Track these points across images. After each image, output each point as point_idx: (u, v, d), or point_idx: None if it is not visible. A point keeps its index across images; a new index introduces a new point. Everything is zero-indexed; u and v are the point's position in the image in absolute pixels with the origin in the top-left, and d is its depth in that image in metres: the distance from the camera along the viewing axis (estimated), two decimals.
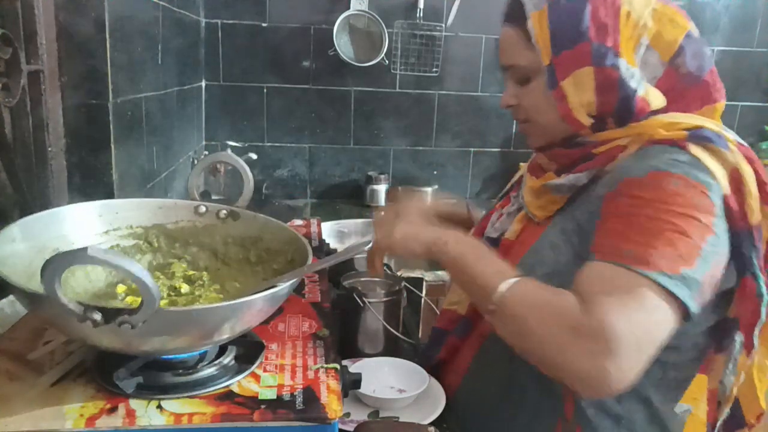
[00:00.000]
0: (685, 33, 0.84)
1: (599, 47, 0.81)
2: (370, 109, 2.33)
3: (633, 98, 0.82)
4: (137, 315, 0.54)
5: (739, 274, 0.78)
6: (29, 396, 0.62)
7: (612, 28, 0.81)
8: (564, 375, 0.71)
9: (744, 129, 2.54)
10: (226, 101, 2.24)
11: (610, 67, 0.81)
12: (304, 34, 2.22)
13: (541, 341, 0.72)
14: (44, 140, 1.04)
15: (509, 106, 0.93)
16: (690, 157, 0.76)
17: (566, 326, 0.70)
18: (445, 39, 2.26)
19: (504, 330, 0.77)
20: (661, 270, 0.70)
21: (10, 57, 0.92)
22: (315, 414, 0.61)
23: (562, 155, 0.90)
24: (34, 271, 0.68)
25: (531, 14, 0.84)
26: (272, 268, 0.83)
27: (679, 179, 0.74)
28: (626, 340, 0.66)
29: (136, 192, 1.30)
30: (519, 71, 0.89)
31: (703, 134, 0.78)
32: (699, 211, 0.73)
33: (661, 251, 0.71)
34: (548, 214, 0.91)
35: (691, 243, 0.72)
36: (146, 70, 1.37)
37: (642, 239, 0.72)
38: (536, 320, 0.72)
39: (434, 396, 0.95)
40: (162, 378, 0.66)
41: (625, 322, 0.67)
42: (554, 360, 0.71)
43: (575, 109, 0.84)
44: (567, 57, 0.82)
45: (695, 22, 0.86)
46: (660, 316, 0.70)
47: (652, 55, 0.84)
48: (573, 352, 0.69)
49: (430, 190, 2.30)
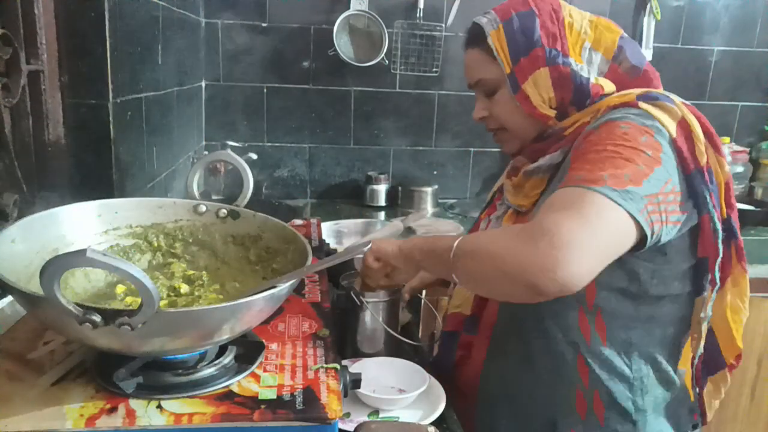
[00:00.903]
0: (619, 36, 0.98)
1: (550, 50, 0.94)
2: (370, 109, 2.33)
3: (587, 85, 0.95)
4: (137, 317, 0.54)
5: (699, 212, 0.87)
6: (29, 396, 0.62)
7: (559, 34, 0.95)
8: (519, 279, 0.74)
9: (744, 129, 2.55)
10: (226, 101, 2.24)
11: (562, 64, 0.94)
12: (304, 34, 2.22)
13: (495, 259, 0.78)
14: (44, 140, 1.04)
15: (482, 119, 1.05)
16: (639, 110, 0.87)
17: (515, 234, 0.77)
18: (445, 39, 2.26)
19: (466, 274, 0.84)
20: (607, 185, 0.77)
21: (10, 57, 0.92)
22: (315, 414, 0.61)
23: (538, 149, 1.00)
24: (34, 272, 0.68)
25: (490, 33, 0.97)
26: (272, 267, 0.83)
27: (627, 125, 0.84)
28: (572, 235, 0.72)
29: (136, 192, 1.30)
30: (485, 84, 1.01)
31: (651, 95, 0.90)
32: (646, 147, 0.82)
33: (609, 172, 0.78)
34: (534, 200, 1.00)
35: (638, 168, 0.80)
36: (146, 70, 1.37)
37: (591, 165, 0.81)
38: (488, 243, 0.80)
39: (434, 396, 0.95)
40: (162, 378, 0.66)
41: (569, 220, 0.74)
42: (510, 269, 0.75)
43: (539, 106, 0.96)
44: (524, 63, 0.95)
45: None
46: (605, 220, 0.76)
47: (596, 56, 0.97)
48: (524, 251, 0.73)
49: (430, 190, 2.30)
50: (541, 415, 0.97)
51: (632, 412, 0.93)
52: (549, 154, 0.97)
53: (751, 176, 2.48)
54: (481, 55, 1.00)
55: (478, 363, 1.04)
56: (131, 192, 1.25)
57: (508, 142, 1.05)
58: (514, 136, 1.03)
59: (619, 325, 0.92)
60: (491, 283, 0.82)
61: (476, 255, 0.82)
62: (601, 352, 0.92)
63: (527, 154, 1.02)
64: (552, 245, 0.71)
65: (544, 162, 0.97)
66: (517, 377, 0.99)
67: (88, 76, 1.09)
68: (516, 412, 0.99)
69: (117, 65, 1.14)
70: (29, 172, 1.00)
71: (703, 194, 0.85)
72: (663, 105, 0.87)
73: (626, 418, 0.93)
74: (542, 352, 0.95)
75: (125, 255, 0.84)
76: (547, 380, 0.96)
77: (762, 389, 1.98)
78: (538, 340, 0.95)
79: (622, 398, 0.92)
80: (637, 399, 0.93)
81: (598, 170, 0.79)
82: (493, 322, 1.02)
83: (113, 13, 1.11)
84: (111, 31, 1.10)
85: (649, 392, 0.94)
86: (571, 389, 0.94)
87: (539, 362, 0.96)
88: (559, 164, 0.96)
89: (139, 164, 1.33)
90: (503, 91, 0.99)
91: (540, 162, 0.97)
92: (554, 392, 0.95)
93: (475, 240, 0.85)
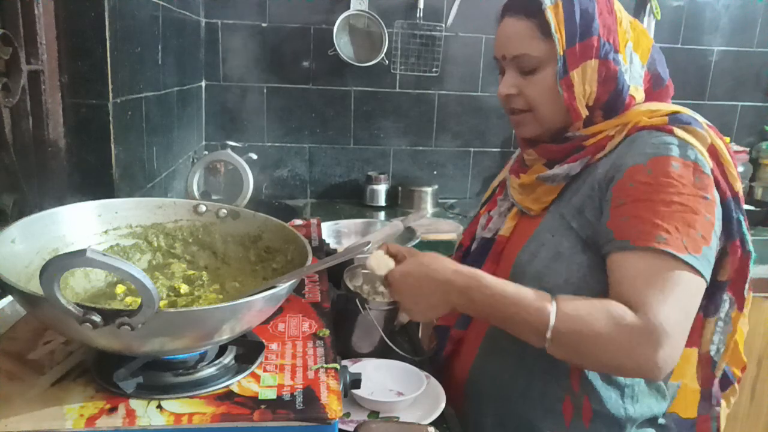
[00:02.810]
0: (652, 44, 0.96)
1: (605, 43, 0.90)
2: (370, 109, 2.33)
3: (625, 91, 0.92)
4: (136, 317, 0.54)
5: (727, 239, 0.88)
6: (29, 396, 0.62)
7: (612, 28, 0.91)
8: (624, 373, 0.83)
9: (744, 129, 2.55)
10: (226, 101, 2.24)
11: (612, 61, 0.90)
12: (304, 34, 2.22)
13: (600, 352, 0.78)
14: (44, 140, 1.04)
15: (507, 96, 0.96)
16: (677, 139, 0.85)
17: (623, 332, 0.76)
18: (445, 39, 2.26)
19: (562, 354, 0.81)
20: (689, 252, 0.79)
21: (10, 57, 0.92)
22: (315, 414, 0.61)
23: (554, 150, 0.96)
24: (34, 272, 0.68)
25: (548, 6, 0.90)
26: (272, 267, 0.83)
27: (678, 163, 0.83)
28: (676, 329, 0.76)
29: (136, 192, 1.30)
30: (525, 61, 0.92)
31: (681, 118, 0.88)
32: (703, 190, 0.82)
33: (685, 231, 0.80)
34: (544, 206, 0.97)
35: (706, 221, 0.81)
36: (146, 70, 1.37)
37: (666, 223, 0.80)
38: (594, 336, 0.77)
39: (434, 396, 0.95)
40: (162, 378, 0.66)
41: (673, 311, 0.76)
42: (615, 364, 0.79)
43: (579, 99, 0.91)
44: (578, 49, 0.89)
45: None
46: (695, 293, 0.80)
47: (635, 58, 0.94)
48: (633, 353, 0.76)
49: (430, 190, 2.30)
50: (527, 414, 0.95)
51: (623, 419, 0.91)
52: (567, 164, 0.93)
53: (751, 176, 2.48)
54: (529, 28, 0.91)
55: (468, 359, 1.03)
56: (131, 192, 1.25)
57: (528, 125, 0.97)
58: (538, 122, 0.96)
59: None
60: (588, 366, 0.87)
61: (579, 344, 0.79)
62: None
63: (541, 150, 0.98)
64: (662, 349, 0.75)
65: (562, 171, 0.94)
66: (509, 376, 0.97)
67: (88, 76, 1.09)
68: (503, 411, 0.98)
69: (117, 65, 1.13)
70: (29, 172, 1.00)
71: (738, 220, 0.86)
72: (695, 131, 0.86)
73: (615, 426, 0.92)
74: (537, 352, 0.91)
75: (125, 255, 0.84)
76: (539, 381, 0.94)
77: (762, 389, 1.98)
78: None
79: (614, 406, 0.91)
80: (628, 407, 0.92)
81: (676, 231, 0.80)
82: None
83: (113, 13, 1.11)
84: (111, 31, 1.10)
85: (640, 401, 0.93)
86: (562, 392, 0.93)
87: (533, 362, 0.94)
88: (576, 175, 0.93)
89: (139, 164, 1.33)
90: (546, 71, 0.91)
91: (557, 170, 0.94)
92: (545, 393, 0.94)
93: (574, 325, 0.78)
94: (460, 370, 1.05)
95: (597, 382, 0.91)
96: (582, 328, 0.78)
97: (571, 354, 0.81)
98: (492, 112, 2.39)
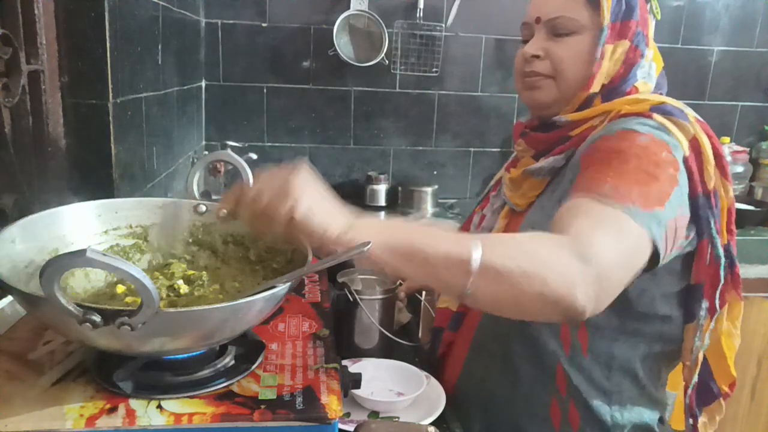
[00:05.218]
0: (662, 66, 0.97)
1: (640, 31, 0.92)
2: (370, 109, 2.33)
3: (629, 83, 0.92)
4: (137, 317, 0.54)
5: (699, 237, 0.84)
6: (29, 396, 0.62)
7: (647, 24, 0.94)
8: (561, 300, 0.65)
9: (744, 129, 2.55)
10: (226, 101, 2.24)
11: (641, 51, 0.92)
12: (304, 34, 2.22)
13: (526, 265, 0.65)
14: (44, 140, 1.04)
15: (532, 57, 0.95)
16: (655, 122, 0.83)
17: (556, 247, 0.67)
18: (445, 39, 2.26)
19: (492, 292, 0.67)
20: (635, 204, 0.73)
21: (10, 57, 0.92)
22: (315, 414, 0.61)
23: (541, 140, 0.96)
24: (34, 272, 0.68)
25: None
26: (272, 267, 0.83)
27: (645, 137, 0.81)
28: (606, 257, 0.67)
29: (136, 192, 1.30)
30: (564, 24, 0.92)
31: (665, 108, 0.86)
32: (666, 164, 0.79)
33: (636, 189, 0.75)
34: (530, 201, 0.97)
35: (662, 188, 0.76)
36: (146, 70, 1.37)
37: (617, 178, 0.76)
38: (527, 261, 0.65)
39: (434, 396, 0.95)
40: (162, 378, 0.66)
41: (605, 241, 0.69)
42: (552, 289, 0.64)
43: (602, 73, 0.91)
44: (618, 27, 0.91)
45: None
46: (634, 246, 0.73)
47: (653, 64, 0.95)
48: (571, 268, 0.65)
49: (430, 190, 2.30)
50: (515, 419, 0.95)
51: (609, 426, 0.91)
52: (552, 156, 0.93)
53: (751, 176, 2.48)
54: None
55: (459, 361, 1.03)
56: (131, 192, 1.25)
57: (545, 90, 0.95)
58: (557, 88, 0.95)
59: (602, 336, 0.90)
60: (521, 305, 0.68)
61: (510, 275, 0.65)
62: (580, 362, 0.90)
63: (529, 140, 0.98)
64: (599, 264, 0.66)
65: (547, 164, 0.94)
66: (496, 379, 0.97)
67: (88, 76, 1.09)
68: (491, 414, 0.98)
69: (117, 65, 1.13)
70: (29, 172, 1.00)
71: (707, 219, 0.83)
72: (677, 121, 0.84)
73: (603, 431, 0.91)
74: (522, 356, 0.93)
75: (125, 255, 0.84)
76: (525, 385, 0.94)
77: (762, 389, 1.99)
78: (519, 344, 0.93)
79: (601, 411, 0.90)
80: (615, 413, 0.91)
81: (624, 184, 0.75)
82: (476, 322, 1.00)
83: (113, 13, 1.11)
84: (111, 31, 1.10)
85: (629, 408, 0.92)
86: (548, 397, 0.92)
87: (519, 366, 0.93)
88: (560, 168, 0.93)
89: (139, 164, 1.33)
90: (582, 37, 0.92)
91: (542, 163, 0.94)
92: (531, 398, 0.93)
93: (505, 245, 0.68)
94: (451, 372, 1.04)
95: (582, 386, 0.90)
96: (508, 249, 0.67)
97: (493, 285, 0.66)
98: (492, 112, 2.39)
